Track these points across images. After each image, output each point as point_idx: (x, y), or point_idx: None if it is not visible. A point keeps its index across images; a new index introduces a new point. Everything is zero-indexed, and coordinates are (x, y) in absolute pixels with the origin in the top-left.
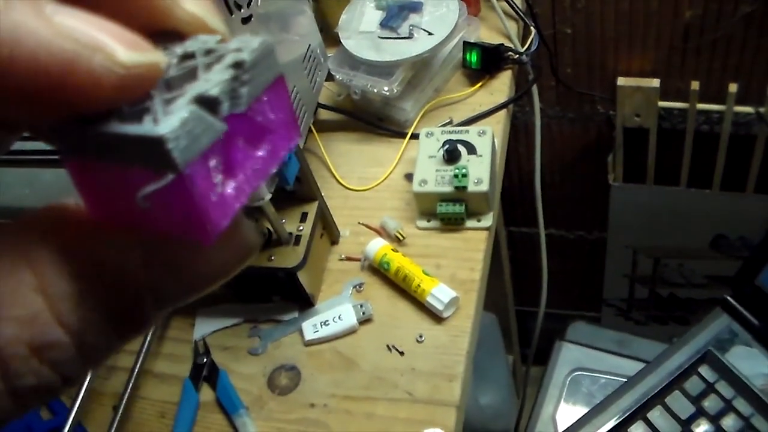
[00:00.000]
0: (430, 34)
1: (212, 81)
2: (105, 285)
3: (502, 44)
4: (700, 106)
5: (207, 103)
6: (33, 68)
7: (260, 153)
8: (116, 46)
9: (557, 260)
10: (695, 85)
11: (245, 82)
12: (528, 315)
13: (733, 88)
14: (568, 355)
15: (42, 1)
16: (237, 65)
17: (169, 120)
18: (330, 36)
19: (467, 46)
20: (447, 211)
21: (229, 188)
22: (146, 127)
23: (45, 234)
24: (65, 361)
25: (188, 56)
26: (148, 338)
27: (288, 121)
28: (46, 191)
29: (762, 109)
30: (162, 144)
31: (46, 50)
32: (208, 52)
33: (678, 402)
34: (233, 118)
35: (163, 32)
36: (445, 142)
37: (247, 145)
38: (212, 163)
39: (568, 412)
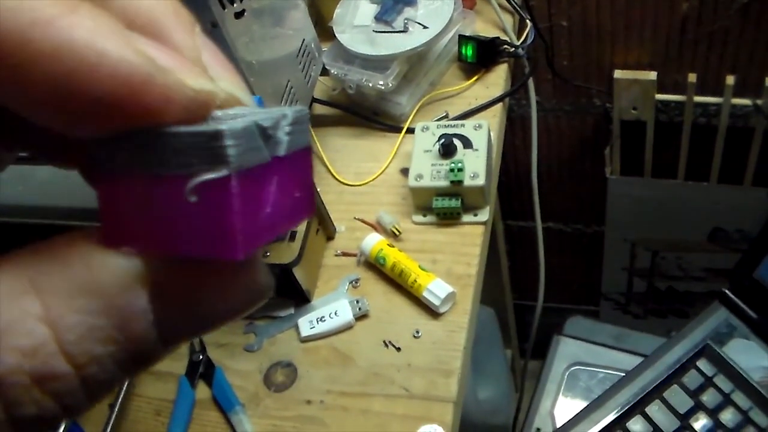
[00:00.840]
0: (425, 27)
1: (264, 117)
2: (113, 321)
3: (498, 37)
4: (698, 98)
5: (260, 129)
6: (116, 77)
7: (287, 203)
8: (186, 72)
9: (555, 254)
10: (692, 77)
11: (287, 132)
12: (526, 309)
13: (730, 80)
14: (566, 350)
15: (122, 26)
16: (283, 116)
17: (232, 123)
18: (324, 30)
19: (463, 39)
20: (443, 206)
21: (262, 217)
22: (208, 126)
23: (55, 263)
24: (68, 392)
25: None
26: None
27: (309, 191)
28: (39, 189)
29: (759, 101)
30: (221, 138)
31: (128, 64)
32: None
33: (676, 396)
34: (275, 159)
35: None
36: (440, 136)
37: (279, 190)
38: (255, 184)
39: (567, 407)
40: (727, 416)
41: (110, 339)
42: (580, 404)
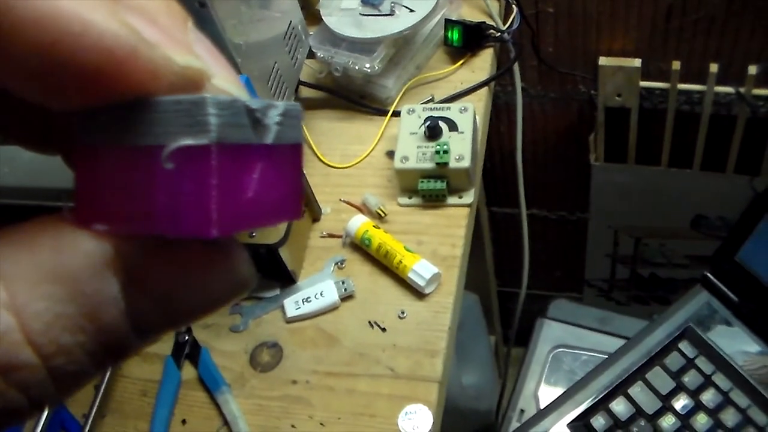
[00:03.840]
0: (411, 11)
1: (253, 100)
2: (81, 309)
3: (484, 22)
4: (681, 86)
5: (248, 110)
6: (101, 48)
7: (271, 197)
8: (173, 47)
9: (539, 241)
10: (676, 65)
11: (276, 122)
12: (510, 296)
13: (713, 68)
14: (550, 333)
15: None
16: (272, 105)
17: (218, 96)
18: (311, 13)
19: (449, 23)
20: (428, 188)
21: (242, 200)
22: (193, 96)
23: (23, 248)
24: (34, 384)
25: None
26: None
27: (296, 192)
28: (25, 169)
29: (742, 89)
30: (205, 106)
31: (113, 35)
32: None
33: (658, 378)
34: (261, 146)
35: None
36: (426, 118)
37: (263, 179)
38: (236, 164)
39: (550, 389)
40: (708, 397)
41: (79, 328)
42: (563, 386)
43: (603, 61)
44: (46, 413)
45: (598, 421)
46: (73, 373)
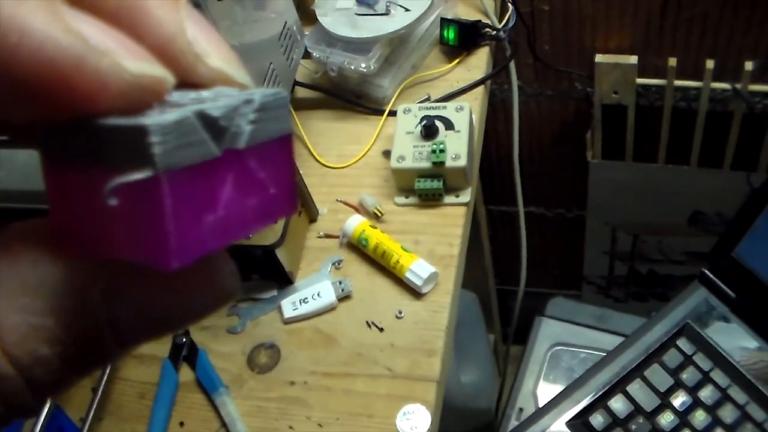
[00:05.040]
0: (407, 10)
1: (216, 105)
2: (59, 321)
3: (480, 21)
4: (678, 82)
5: (206, 120)
6: (40, 59)
7: (251, 203)
8: (124, 54)
9: (537, 238)
10: (672, 61)
11: (250, 121)
12: (508, 294)
13: (710, 64)
14: (548, 331)
15: (56, 1)
16: (246, 102)
17: (162, 117)
18: (306, 13)
19: (444, 22)
20: (425, 187)
21: (208, 221)
22: (133, 119)
23: (1, 259)
24: (12, 394)
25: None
26: None
27: (287, 187)
28: (20, 172)
29: (738, 86)
30: (145, 135)
31: (55, 44)
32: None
33: (657, 375)
34: (230, 153)
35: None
36: (422, 117)
37: (238, 189)
38: (196, 184)
39: (549, 387)
40: (706, 393)
41: (57, 340)
42: (562, 384)
43: (599, 58)
44: (43, 416)
45: (597, 419)
46: (51, 382)
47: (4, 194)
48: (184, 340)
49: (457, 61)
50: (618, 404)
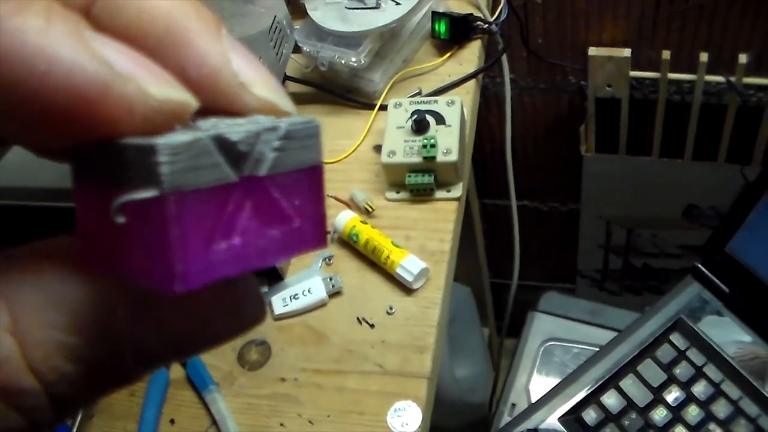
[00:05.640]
0: (397, 3)
1: (237, 130)
2: (85, 338)
3: (471, 14)
4: (672, 75)
5: (223, 144)
6: (67, 87)
7: (272, 233)
8: (150, 80)
9: (531, 232)
10: (666, 54)
11: (274, 148)
12: (503, 287)
13: (704, 57)
14: (541, 326)
15: (82, 27)
16: (271, 129)
17: (174, 137)
18: (297, 7)
19: (436, 16)
20: (416, 182)
21: (220, 247)
22: (146, 139)
23: (27, 273)
24: (35, 408)
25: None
26: None
27: (314, 220)
28: (21, 170)
29: (732, 78)
30: (153, 153)
31: (82, 71)
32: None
33: (650, 370)
34: (250, 180)
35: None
36: (413, 112)
37: (258, 217)
38: (208, 208)
39: (542, 382)
40: (699, 388)
41: (81, 358)
42: (554, 379)
43: (593, 51)
44: None
45: (590, 414)
46: (73, 399)
47: (3, 192)
48: None
49: (448, 54)
50: (611, 399)
